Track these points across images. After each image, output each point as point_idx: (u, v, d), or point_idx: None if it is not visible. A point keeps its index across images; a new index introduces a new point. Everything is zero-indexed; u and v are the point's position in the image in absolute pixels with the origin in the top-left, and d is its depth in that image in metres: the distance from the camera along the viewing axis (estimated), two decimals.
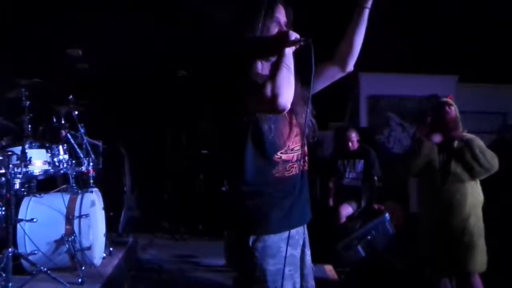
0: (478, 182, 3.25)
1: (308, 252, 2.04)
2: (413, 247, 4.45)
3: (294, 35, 1.76)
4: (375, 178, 5.18)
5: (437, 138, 3.23)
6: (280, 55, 1.73)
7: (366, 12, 1.95)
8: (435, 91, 6.64)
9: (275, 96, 1.65)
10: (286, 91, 1.66)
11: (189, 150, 6.40)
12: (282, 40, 1.75)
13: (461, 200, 3.16)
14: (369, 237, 4.79)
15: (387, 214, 4.87)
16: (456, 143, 3.20)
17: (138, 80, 6.35)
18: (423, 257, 3.40)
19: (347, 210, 5.10)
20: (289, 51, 1.74)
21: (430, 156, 3.20)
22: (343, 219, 5.04)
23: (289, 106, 1.69)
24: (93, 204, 3.85)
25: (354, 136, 5.29)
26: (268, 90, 1.65)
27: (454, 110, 3.28)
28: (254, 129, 1.78)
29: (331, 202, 5.27)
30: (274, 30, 1.84)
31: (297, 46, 1.77)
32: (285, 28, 1.85)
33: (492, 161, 3.13)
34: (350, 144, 5.24)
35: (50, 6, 5.37)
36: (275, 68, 1.71)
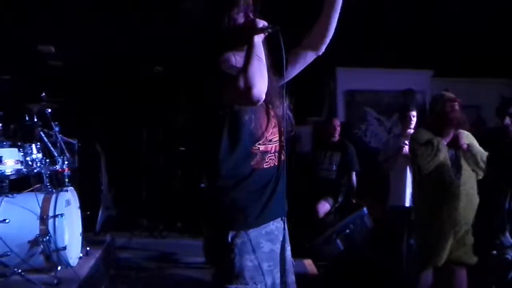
0: None
1: (288, 247, 2.03)
2: (392, 240, 4.53)
3: (261, 23, 1.75)
4: (353, 172, 5.23)
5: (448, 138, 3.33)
6: (250, 45, 1.72)
7: None
8: (411, 85, 6.74)
9: (248, 87, 1.64)
10: (259, 81, 1.66)
11: (166, 146, 6.33)
12: (249, 29, 1.75)
13: (473, 192, 3.33)
14: (347, 231, 4.83)
15: (365, 208, 4.92)
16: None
17: (114, 77, 6.25)
18: (422, 247, 3.44)
19: (324, 207, 5.13)
20: (258, 40, 1.74)
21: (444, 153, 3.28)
22: (321, 216, 5.07)
23: (263, 96, 1.69)
24: (69, 203, 3.77)
25: (338, 124, 5.33)
26: (241, 82, 1.65)
27: (457, 106, 3.34)
28: (231, 122, 1.77)
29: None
30: (241, 19, 1.82)
31: (266, 34, 1.76)
32: (251, 17, 1.84)
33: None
34: (335, 131, 5.26)
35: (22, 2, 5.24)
36: (246, 59, 1.70)
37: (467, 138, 3.36)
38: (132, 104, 6.32)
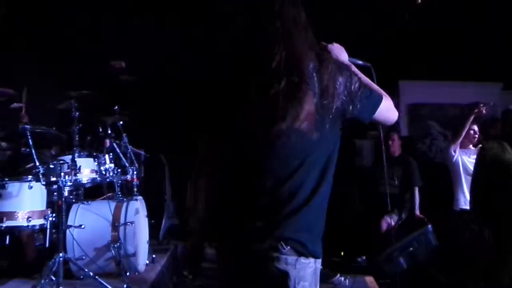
0: None
1: None
2: (457, 258, 4.36)
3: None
4: (416, 188, 5.10)
5: None
6: None
7: None
8: (478, 98, 6.46)
9: None
10: None
11: None
12: None
13: None
14: (411, 248, 4.69)
15: (430, 225, 4.77)
16: None
17: (179, 89, 6.49)
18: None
19: (387, 223, 5.03)
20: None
21: None
22: (383, 231, 4.97)
23: None
24: (138, 211, 3.95)
25: (395, 137, 5.23)
26: None
27: None
28: None
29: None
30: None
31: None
32: None
33: None
34: (390, 143, 5.16)
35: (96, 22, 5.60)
36: None
37: None
38: (195, 116, 6.50)
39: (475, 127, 4.58)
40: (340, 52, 1.75)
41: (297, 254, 1.51)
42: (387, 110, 1.67)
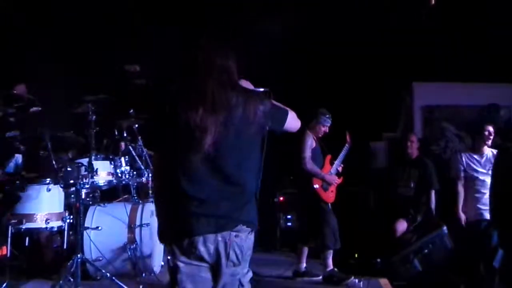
0: None
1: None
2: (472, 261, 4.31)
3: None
4: (432, 190, 5.06)
5: None
6: None
7: None
8: (494, 100, 6.40)
9: None
10: None
11: None
12: None
13: None
14: (426, 250, 4.67)
15: (445, 227, 4.74)
16: None
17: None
18: None
19: (402, 225, 5.00)
20: None
21: None
22: (398, 235, 4.95)
23: None
24: (153, 213, 3.99)
25: (414, 139, 5.20)
26: None
27: None
28: None
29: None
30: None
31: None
32: None
33: None
34: (409, 145, 5.13)
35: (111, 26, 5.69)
36: None
37: None
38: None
39: (490, 128, 4.52)
40: (247, 85, 2.15)
41: None
42: (294, 121, 2.19)
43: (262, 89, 2.16)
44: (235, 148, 1.91)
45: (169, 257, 2.01)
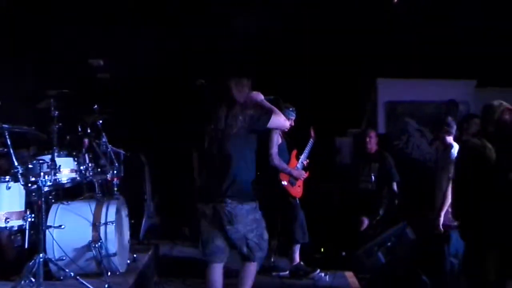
0: None
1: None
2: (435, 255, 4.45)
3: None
4: (394, 183, 5.18)
5: None
6: None
7: None
8: (453, 96, 6.63)
9: None
10: None
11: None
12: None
13: None
14: (389, 244, 4.79)
15: (405, 222, 4.87)
16: None
17: (154, 88, 6.48)
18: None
19: (365, 221, 5.12)
20: None
21: None
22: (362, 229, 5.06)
23: None
24: (118, 211, 3.94)
25: (372, 135, 5.31)
26: None
27: None
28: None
29: None
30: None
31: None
32: None
33: None
34: (368, 140, 5.24)
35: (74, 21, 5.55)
36: None
37: None
38: (174, 113, 6.50)
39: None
40: (257, 95, 3.24)
41: None
42: (278, 121, 3.20)
43: (272, 97, 3.15)
44: None
45: None
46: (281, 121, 3.20)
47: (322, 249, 5.41)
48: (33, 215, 3.42)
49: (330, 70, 6.42)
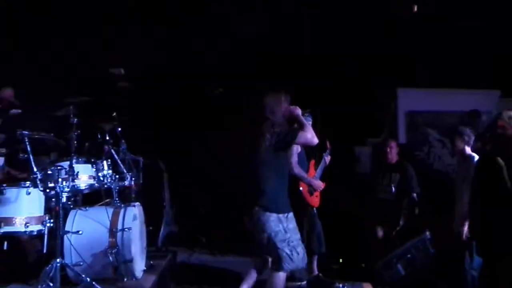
0: None
1: None
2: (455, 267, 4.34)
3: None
4: (414, 194, 5.09)
5: None
6: None
7: None
8: (476, 106, 6.48)
9: None
10: None
11: (229, 164, 6.45)
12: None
13: None
14: (409, 255, 4.69)
15: (427, 233, 4.77)
16: None
17: (174, 96, 6.54)
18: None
19: (381, 232, 5.04)
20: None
21: None
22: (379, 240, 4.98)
23: None
24: (135, 218, 3.95)
25: (393, 145, 5.24)
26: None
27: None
28: None
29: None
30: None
31: None
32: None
33: None
34: (388, 151, 5.17)
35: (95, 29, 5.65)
36: None
37: None
38: (194, 122, 6.54)
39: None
40: (295, 109, 3.45)
41: None
42: (304, 139, 3.39)
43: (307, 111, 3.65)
44: None
45: None
46: (308, 137, 3.34)
47: (340, 260, 5.33)
48: (51, 220, 3.46)
49: (352, 79, 6.38)
